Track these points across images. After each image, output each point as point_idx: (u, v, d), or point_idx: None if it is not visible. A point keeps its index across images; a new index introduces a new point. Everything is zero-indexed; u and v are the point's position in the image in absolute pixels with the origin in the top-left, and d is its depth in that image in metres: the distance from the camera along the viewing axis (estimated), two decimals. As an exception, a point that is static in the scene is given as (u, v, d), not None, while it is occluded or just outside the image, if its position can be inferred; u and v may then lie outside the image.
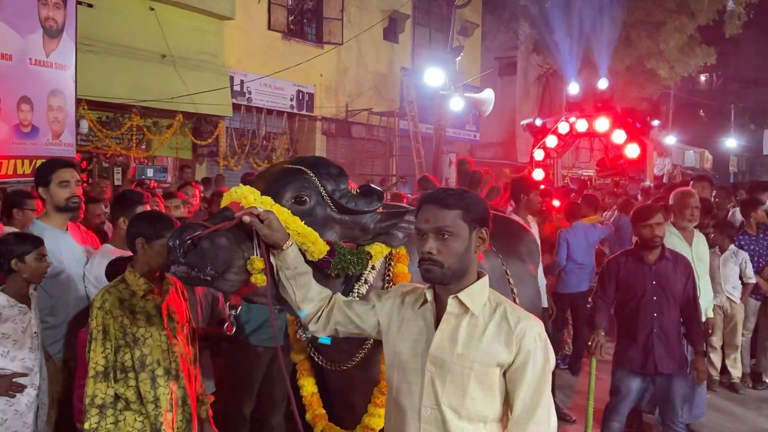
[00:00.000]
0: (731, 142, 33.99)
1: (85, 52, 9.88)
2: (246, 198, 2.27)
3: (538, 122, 14.69)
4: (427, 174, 10.19)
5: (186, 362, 3.03)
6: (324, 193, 2.40)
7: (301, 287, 2.23)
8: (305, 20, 16.13)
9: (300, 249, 2.28)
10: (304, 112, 15.61)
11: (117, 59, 11.01)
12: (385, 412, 2.27)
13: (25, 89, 7.95)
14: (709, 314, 5.09)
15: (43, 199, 3.80)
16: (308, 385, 2.74)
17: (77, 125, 9.58)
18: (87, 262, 3.81)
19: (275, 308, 2.39)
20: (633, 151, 12.92)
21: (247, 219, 2.15)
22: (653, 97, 21.29)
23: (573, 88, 15.83)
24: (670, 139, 22.82)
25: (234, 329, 2.41)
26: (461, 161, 9.51)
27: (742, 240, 6.56)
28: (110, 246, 3.89)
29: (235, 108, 13.69)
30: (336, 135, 16.87)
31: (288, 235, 2.21)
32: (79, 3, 9.33)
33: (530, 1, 20.14)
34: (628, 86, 20.30)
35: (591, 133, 13.87)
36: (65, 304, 3.71)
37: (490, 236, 3.39)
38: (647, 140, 13.44)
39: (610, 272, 4.50)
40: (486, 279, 2.13)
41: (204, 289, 3.92)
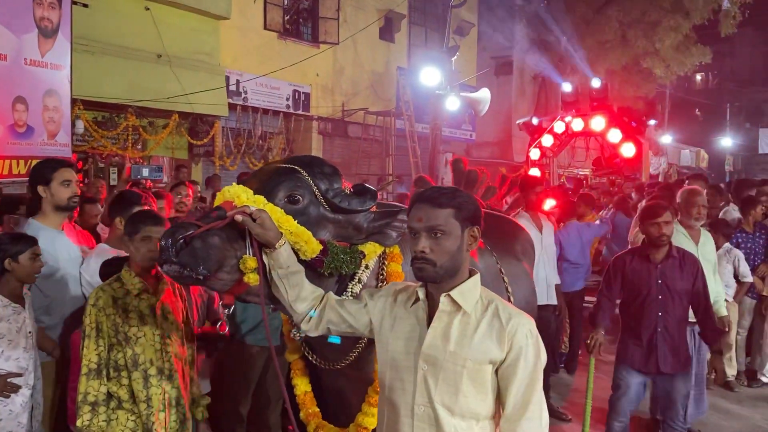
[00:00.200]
0: (727, 141, 34.12)
1: (81, 52, 9.85)
2: (239, 197, 2.27)
3: (534, 121, 14.72)
4: (423, 174, 10.20)
5: (180, 362, 3.03)
6: (317, 192, 2.40)
7: (293, 286, 2.24)
8: (301, 20, 16.12)
9: (293, 248, 2.28)
10: (300, 111, 15.59)
11: (112, 59, 10.98)
12: (378, 410, 2.28)
13: (20, 89, 7.91)
14: (722, 312, 5.04)
15: (40, 197, 3.79)
16: (301, 385, 2.74)
17: (73, 125, 9.54)
18: (83, 262, 3.81)
19: (269, 307, 2.39)
20: (629, 150, 12.95)
21: (239, 218, 2.16)
22: (649, 96, 21.36)
23: (566, 87, 15.87)
24: (666, 138, 22.90)
25: (227, 328, 2.41)
26: (456, 161, 9.52)
27: (739, 237, 6.56)
28: (106, 246, 3.89)
29: (231, 108, 13.66)
30: (332, 135, 16.86)
31: (280, 234, 2.21)
32: (74, 3, 9.29)
33: (526, 1, 20.19)
34: (624, 85, 20.36)
35: (587, 132, 13.91)
36: (61, 303, 3.71)
37: (485, 235, 3.43)
38: (643, 139, 13.47)
39: (616, 270, 4.49)
40: (478, 277, 2.14)
41: (200, 288, 3.92)
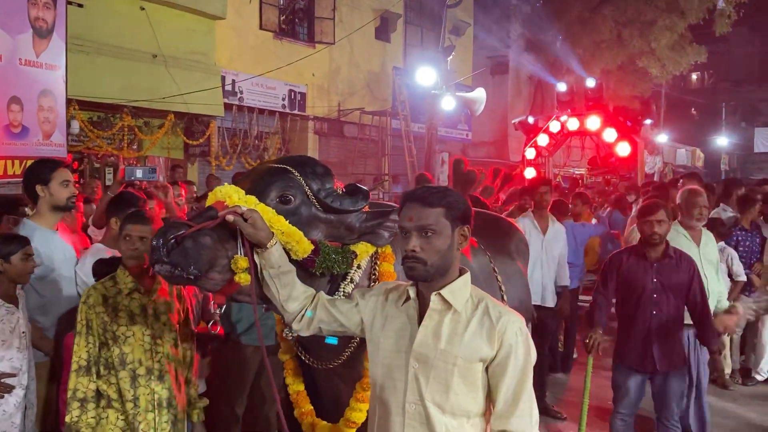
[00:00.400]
0: (722, 140, 34.23)
1: (76, 53, 9.85)
2: (230, 197, 2.28)
3: (530, 120, 14.75)
4: (425, 172, 10.21)
5: (173, 363, 3.02)
6: (309, 192, 2.40)
7: (285, 286, 2.24)
8: (297, 20, 16.13)
9: (284, 248, 2.28)
10: (296, 111, 15.59)
11: (108, 59, 10.98)
12: (370, 409, 2.28)
13: (15, 89, 7.90)
14: (726, 305, 5.03)
15: (36, 197, 3.78)
16: (294, 384, 2.75)
17: (68, 125, 9.53)
18: (78, 262, 3.81)
19: (262, 307, 2.40)
20: (624, 149, 12.98)
21: (230, 218, 2.16)
22: (645, 96, 21.40)
23: (561, 87, 15.91)
24: (662, 138, 22.93)
25: (219, 328, 2.42)
26: (457, 161, 9.56)
27: (739, 236, 6.53)
28: (102, 245, 3.89)
29: (227, 108, 13.66)
30: (328, 134, 16.87)
31: (272, 234, 2.22)
32: (69, 3, 9.29)
33: (522, 1, 20.21)
34: (620, 85, 20.39)
35: (582, 132, 13.93)
36: (56, 303, 3.71)
37: (479, 234, 3.43)
38: (638, 138, 13.50)
39: (612, 268, 4.49)
40: (468, 275, 2.15)
41: (194, 288, 3.92)
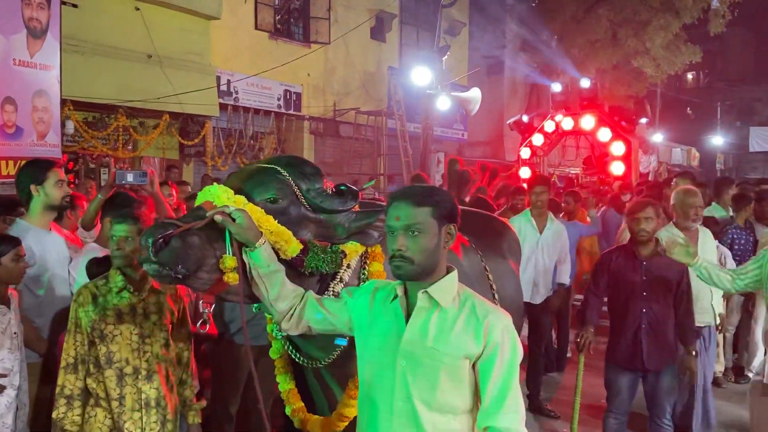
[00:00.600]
0: (718, 139, 34.32)
1: (71, 53, 9.82)
2: (219, 197, 2.29)
3: (524, 118, 14.79)
4: (420, 172, 10.23)
5: (164, 363, 3.03)
6: (298, 192, 2.41)
7: (273, 285, 2.26)
8: (292, 20, 16.13)
9: (273, 247, 2.29)
10: (291, 111, 15.58)
11: (102, 59, 10.95)
12: (359, 407, 2.30)
13: (9, 90, 7.88)
14: (720, 310, 5.04)
15: (29, 197, 3.78)
16: (284, 382, 2.76)
17: (63, 126, 9.52)
18: (71, 261, 3.82)
19: (252, 306, 2.40)
20: (618, 148, 13.02)
21: (218, 218, 2.18)
22: (640, 95, 21.45)
23: (555, 87, 15.95)
24: (658, 137, 22.98)
25: (208, 327, 2.43)
26: (452, 161, 9.58)
27: (734, 234, 6.53)
28: (96, 245, 3.89)
29: (222, 108, 13.64)
30: (324, 134, 16.86)
31: (260, 233, 2.23)
32: (63, 3, 9.26)
33: (517, 0, 20.24)
34: (615, 84, 20.45)
35: (577, 132, 13.99)
36: (51, 303, 3.70)
37: (471, 233, 3.45)
38: (632, 138, 13.55)
39: (602, 267, 4.51)
40: (455, 273, 2.17)
41: (187, 288, 3.92)
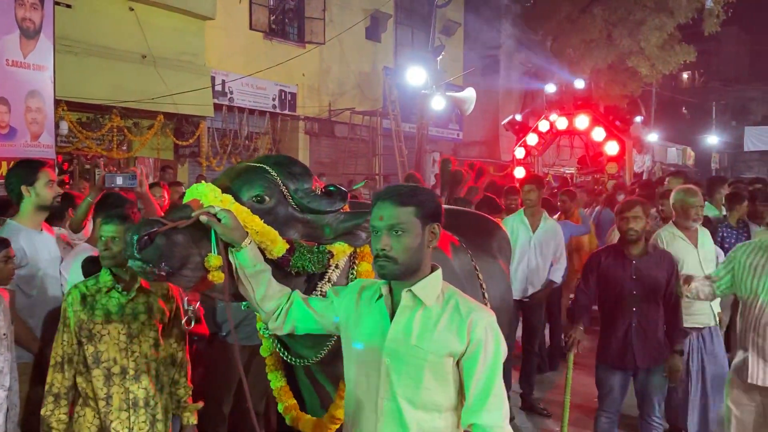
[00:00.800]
0: (713, 138, 34.43)
1: (64, 53, 9.82)
2: (206, 196, 2.30)
3: (518, 117, 14.83)
4: (413, 172, 10.24)
5: (153, 363, 3.03)
6: (286, 192, 2.42)
7: (260, 285, 2.27)
8: (287, 20, 16.12)
9: (260, 247, 2.30)
10: (286, 111, 15.59)
11: (96, 60, 10.95)
12: (345, 405, 2.31)
13: (2, 90, 7.88)
14: (719, 309, 5.04)
15: (20, 198, 3.78)
16: (275, 380, 2.78)
17: (57, 126, 9.52)
18: (62, 261, 3.82)
19: (238, 304, 2.41)
20: (612, 148, 13.06)
21: (203, 219, 2.19)
22: (635, 95, 21.51)
23: (549, 88, 15.99)
24: (653, 137, 23.02)
25: (192, 325, 2.44)
26: (444, 161, 9.59)
27: (725, 232, 6.54)
28: (87, 245, 3.90)
29: (217, 108, 13.65)
30: (319, 134, 16.87)
31: (246, 233, 2.24)
32: (57, 3, 9.26)
33: (512, 1, 20.27)
34: (610, 84, 20.49)
35: (571, 131, 14.02)
36: (43, 303, 3.71)
37: (462, 233, 3.46)
38: (626, 138, 13.59)
39: (592, 266, 4.52)
40: (439, 272, 2.18)
41: (179, 288, 3.93)
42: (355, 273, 2.60)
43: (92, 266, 3.30)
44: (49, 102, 8.66)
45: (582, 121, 13.28)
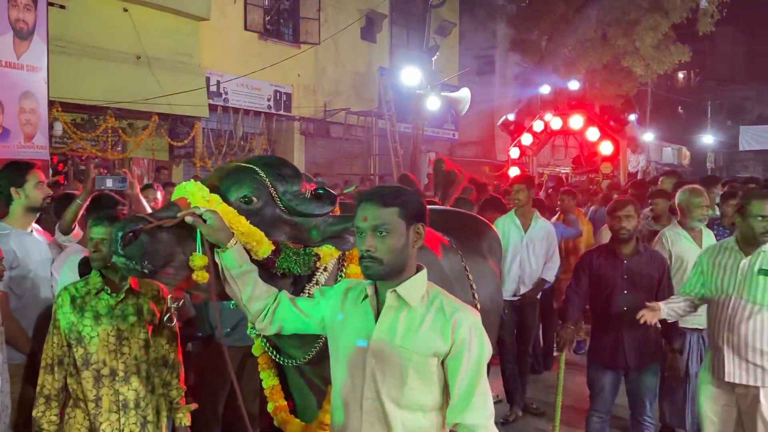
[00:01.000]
0: (708, 138, 34.46)
1: (58, 54, 9.81)
2: (194, 195, 2.30)
3: (510, 117, 14.85)
4: (407, 173, 10.25)
5: (143, 365, 3.03)
6: (274, 193, 2.43)
7: (246, 285, 2.27)
8: (282, 20, 16.12)
9: (245, 248, 2.31)
10: (281, 112, 15.59)
11: (91, 61, 10.94)
12: (331, 406, 2.32)
13: (-5, 91, 7.89)
14: None
15: (8, 200, 3.78)
16: (267, 379, 2.79)
17: (51, 127, 9.50)
18: (53, 262, 3.82)
19: (227, 303, 2.42)
20: (606, 148, 13.09)
21: (189, 219, 2.20)
22: (630, 95, 21.52)
23: (544, 88, 16.03)
24: (648, 136, 23.05)
25: (175, 322, 2.45)
26: (437, 161, 9.60)
27: (716, 231, 6.56)
28: (79, 246, 3.89)
29: (212, 109, 13.65)
30: (314, 135, 16.87)
31: (232, 234, 2.25)
32: (50, 4, 9.25)
33: (508, 1, 20.28)
34: (605, 84, 20.50)
35: (565, 131, 14.06)
36: (33, 305, 3.70)
37: (452, 233, 3.47)
38: (621, 137, 13.62)
39: (584, 265, 4.53)
40: (424, 273, 2.19)
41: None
42: (343, 275, 2.62)
43: (87, 267, 3.30)
44: (42, 103, 8.64)
45: (576, 121, 13.32)
